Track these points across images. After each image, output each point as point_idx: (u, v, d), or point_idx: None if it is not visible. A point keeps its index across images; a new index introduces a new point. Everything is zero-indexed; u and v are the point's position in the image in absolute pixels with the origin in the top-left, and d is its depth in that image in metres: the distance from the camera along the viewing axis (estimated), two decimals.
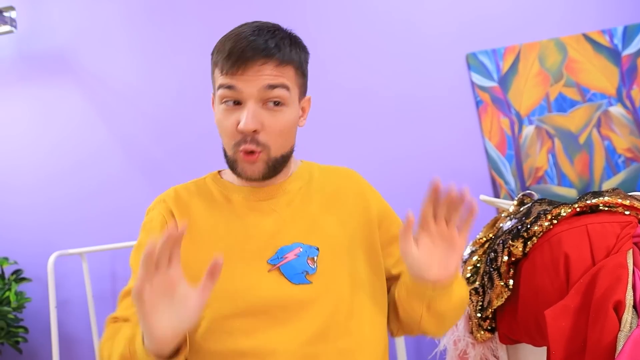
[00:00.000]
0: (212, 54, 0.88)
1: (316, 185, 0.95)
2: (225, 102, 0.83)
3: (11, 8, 2.18)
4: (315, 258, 0.84)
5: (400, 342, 1.69)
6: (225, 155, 0.88)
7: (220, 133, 0.88)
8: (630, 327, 0.85)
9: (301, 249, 0.84)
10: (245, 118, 0.81)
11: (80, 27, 2.31)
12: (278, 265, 0.83)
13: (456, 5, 2.10)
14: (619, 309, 0.88)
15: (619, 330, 0.85)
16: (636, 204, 1.03)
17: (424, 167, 2.02)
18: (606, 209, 1.06)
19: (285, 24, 0.92)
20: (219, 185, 0.94)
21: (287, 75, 0.84)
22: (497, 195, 1.96)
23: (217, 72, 0.85)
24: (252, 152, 0.83)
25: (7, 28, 2.18)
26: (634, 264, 0.96)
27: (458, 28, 2.09)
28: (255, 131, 0.82)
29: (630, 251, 0.96)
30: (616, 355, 0.83)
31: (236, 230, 0.86)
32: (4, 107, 2.33)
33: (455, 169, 2.00)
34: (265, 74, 0.81)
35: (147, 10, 2.28)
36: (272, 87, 0.82)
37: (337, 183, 0.98)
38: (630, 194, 1.08)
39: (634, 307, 0.88)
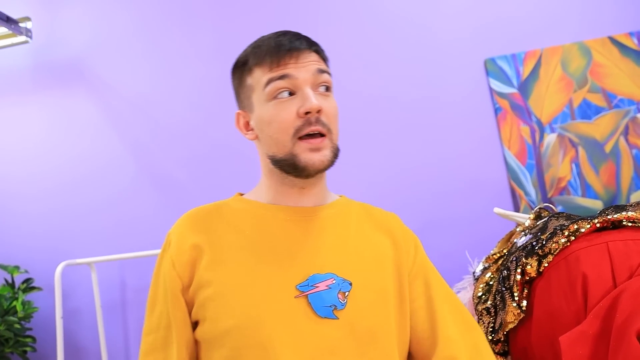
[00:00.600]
0: (241, 64, 0.88)
1: (354, 219, 0.90)
2: (279, 94, 0.82)
3: (27, 19, 2.20)
4: (347, 293, 0.78)
5: None
6: (275, 161, 0.84)
7: (271, 132, 0.82)
8: None
9: (334, 281, 0.78)
10: (310, 97, 0.80)
11: (95, 38, 2.32)
12: (307, 293, 0.76)
13: (474, 8, 2.03)
14: None
15: None
16: None
17: (440, 177, 1.94)
18: (630, 224, 0.97)
19: (298, 29, 0.92)
20: (246, 204, 0.88)
21: (328, 70, 0.88)
22: (517, 207, 1.86)
23: (258, 73, 0.84)
24: (318, 135, 0.81)
25: (22, 38, 2.20)
26: None
27: (476, 32, 2.01)
28: (319, 111, 0.81)
29: None
30: None
31: (265, 248, 0.81)
32: (19, 116, 2.35)
33: (473, 179, 1.92)
34: (314, 60, 0.84)
35: (161, 20, 2.27)
36: (322, 71, 0.84)
37: (376, 222, 0.92)
38: None
39: None
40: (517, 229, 1.21)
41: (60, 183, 2.26)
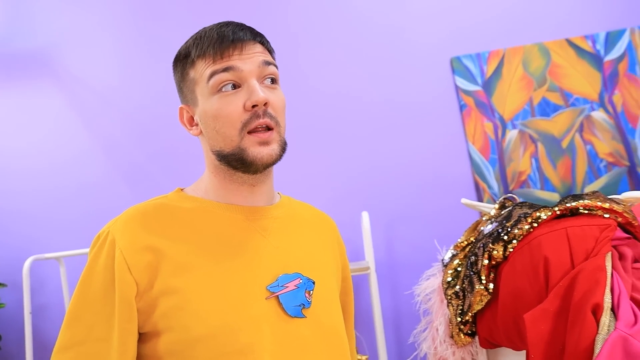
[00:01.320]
0: (182, 57, 0.84)
1: (303, 218, 0.93)
2: (223, 87, 0.78)
3: None
4: (312, 292, 0.80)
5: (381, 347, 1.68)
6: (222, 156, 0.81)
7: (217, 126, 0.79)
8: (608, 329, 0.84)
9: (301, 280, 0.80)
10: (256, 90, 0.77)
11: (62, 28, 2.28)
12: (278, 294, 0.77)
13: (441, 9, 2.10)
14: (597, 312, 0.87)
15: (597, 333, 0.84)
16: (615, 207, 1.02)
17: (407, 172, 2.01)
18: (586, 212, 1.06)
19: (269, 27, 0.89)
20: (198, 202, 0.83)
21: (274, 62, 0.85)
22: (480, 200, 1.95)
23: (201, 65, 0.80)
24: (267, 129, 0.78)
25: None
26: (613, 267, 0.95)
27: (443, 32, 2.09)
28: (266, 104, 0.78)
29: (609, 254, 0.95)
30: (594, 358, 0.82)
31: (229, 250, 0.79)
32: None
33: (439, 173, 2.00)
34: (259, 52, 0.81)
35: (130, 11, 2.25)
36: (268, 63, 0.81)
37: (320, 222, 0.96)
38: (609, 197, 1.07)
39: (612, 310, 0.88)
40: (483, 218, 1.28)
41: (27, 176, 2.21)
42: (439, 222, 1.93)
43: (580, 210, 1.05)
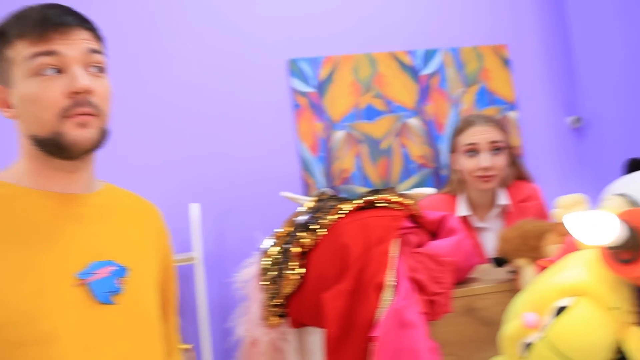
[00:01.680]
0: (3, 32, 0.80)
1: (124, 207, 0.92)
2: (44, 70, 0.76)
3: None
4: (124, 279, 0.81)
5: (205, 335, 1.71)
6: (38, 141, 0.78)
7: (34, 110, 0.76)
8: (387, 303, 0.98)
9: (113, 267, 0.80)
10: (80, 77, 0.76)
11: None
12: (86, 281, 0.76)
13: (281, 13, 2.19)
14: (380, 289, 1.01)
15: (379, 307, 0.98)
16: (405, 201, 1.19)
17: (240, 165, 2.08)
18: (383, 204, 1.21)
19: (104, 16, 0.87)
20: (5, 189, 0.80)
21: (102, 50, 0.83)
22: (308, 195, 2.09)
23: (20, 46, 0.76)
24: (88, 115, 0.77)
25: None
26: (401, 251, 1.11)
27: (283, 35, 2.18)
28: (88, 92, 0.77)
29: (396, 241, 1.11)
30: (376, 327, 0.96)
31: (35, 238, 0.77)
32: None
33: (270, 167, 2.10)
34: (86, 39, 0.80)
35: None
36: (94, 51, 0.80)
37: (143, 212, 0.96)
38: (402, 192, 1.24)
39: (394, 287, 1.02)
40: (299, 210, 1.38)
41: None
42: (269, 215, 2.01)
43: (377, 204, 1.20)
